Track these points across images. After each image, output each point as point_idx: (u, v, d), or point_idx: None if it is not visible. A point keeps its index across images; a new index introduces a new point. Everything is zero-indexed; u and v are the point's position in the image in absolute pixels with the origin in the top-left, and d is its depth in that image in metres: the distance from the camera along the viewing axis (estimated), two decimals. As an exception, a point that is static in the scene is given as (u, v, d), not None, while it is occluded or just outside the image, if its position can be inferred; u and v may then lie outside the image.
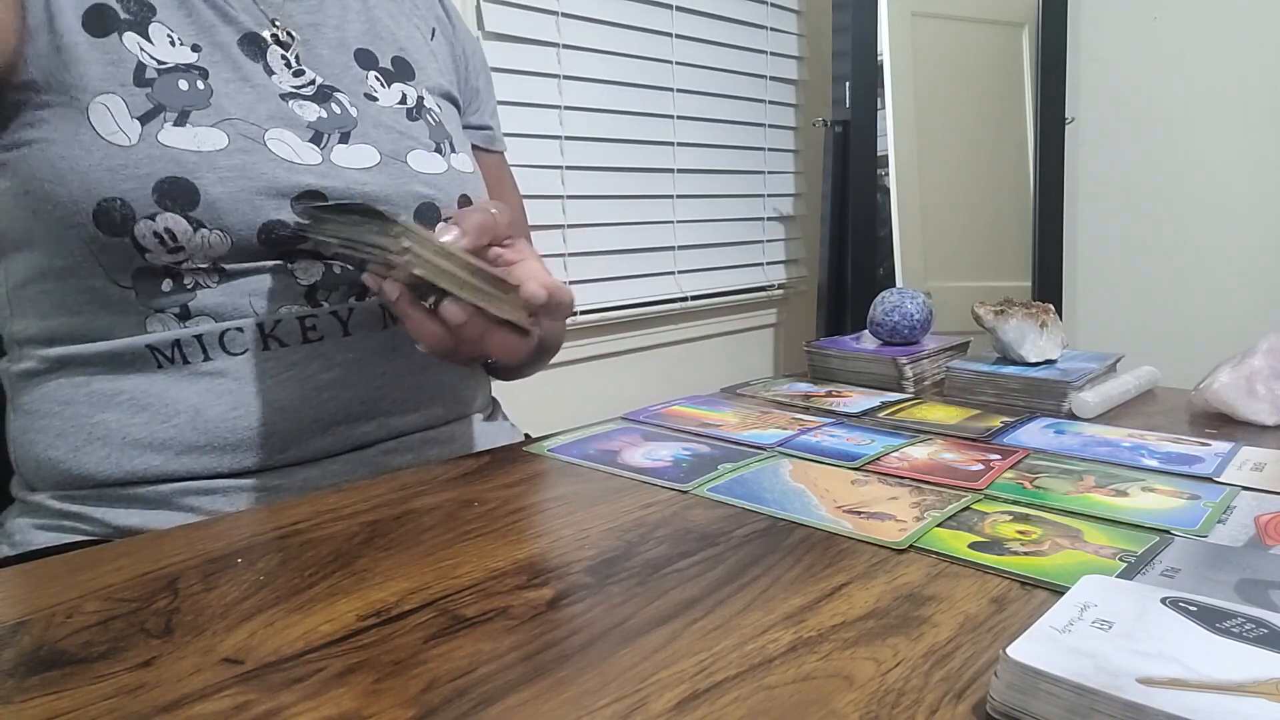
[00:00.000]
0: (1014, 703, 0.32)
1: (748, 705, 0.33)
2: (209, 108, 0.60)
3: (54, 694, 0.35)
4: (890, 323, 0.92)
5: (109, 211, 0.57)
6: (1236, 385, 0.74)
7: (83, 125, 0.57)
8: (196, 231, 0.58)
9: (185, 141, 0.59)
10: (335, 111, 0.66)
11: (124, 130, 0.58)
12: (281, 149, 0.62)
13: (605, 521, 0.52)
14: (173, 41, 0.61)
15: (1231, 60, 2.01)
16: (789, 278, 2.21)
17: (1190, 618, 0.35)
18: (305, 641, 0.38)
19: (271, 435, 0.62)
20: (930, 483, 0.59)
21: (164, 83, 0.59)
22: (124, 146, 0.57)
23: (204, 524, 0.53)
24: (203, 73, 0.62)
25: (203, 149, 0.59)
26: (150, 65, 0.60)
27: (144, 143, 0.57)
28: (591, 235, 1.75)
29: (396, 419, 0.68)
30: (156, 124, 0.58)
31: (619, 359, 1.86)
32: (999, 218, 2.13)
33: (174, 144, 0.58)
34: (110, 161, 0.57)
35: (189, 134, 0.59)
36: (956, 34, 2.06)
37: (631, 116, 1.80)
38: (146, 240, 0.58)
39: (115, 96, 0.58)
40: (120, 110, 0.58)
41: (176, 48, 0.61)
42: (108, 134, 0.57)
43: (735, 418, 0.77)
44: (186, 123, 0.59)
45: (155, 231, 0.57)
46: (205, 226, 0.58)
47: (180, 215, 0.58)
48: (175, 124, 0.59)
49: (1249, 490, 0.57)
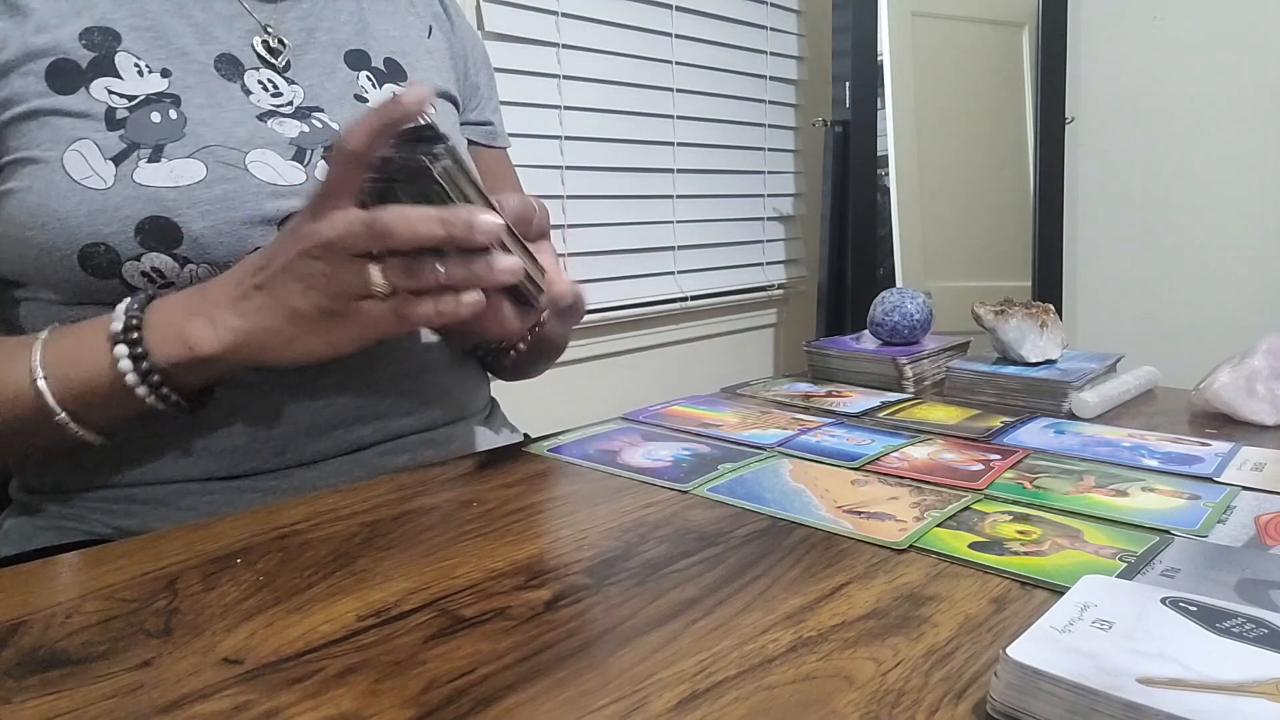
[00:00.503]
0: (1014, 703, 0.32)
1: (748, 705, 0.33)
2: (184, 138, 0.59)
3: (53, 694, 0.35)
4: (890, 323, 0.92)
5: (93, 256, 0.56)
6: (1236, 385, 0.74)
7: (57, 172, 0.56)
8: (184, 267, 0.58)
9: (162, 178, 0.57)
10: (317, 127, 0.65)
11: (98, 174, 0.57)
12: (264, 171, 0.61)
13: (605, 522, 0.52)
14: (140, 71, 0.60)
15: (1231, 60, 2.01)
16: (789, 278, 2.22)
17: (1190, 618, 0.35)
18: (305, 641, 0.38)
19: (268, 440, 0.62)
20: (930, 483, 0.59)
21: (135, 120, 0.58)
22: (100, 190, 0.56)
23: (203, 524, 0.53)
24: (175, 100, 0.60)
25: (180, 183, 0.58)
26: (120, 107, 0.58)
27: (120, 184, 0.56)
28: (591, 235, 1.75)
29: (393, 422, 0.68)
30: (130, 163, 0.57)
31: (619, 359, 1.86)
32: (999, 218, 2.13)
33: (150, 182, 0.57)
34: (88, 207, 0.56)
35: (165, 169, 0.58)
36: (956, 34, 2.06)
37: (631, 116, 1.80)
38: (135, 280, 0.57)
39: (88, 142, 0.57)
40: (93, 154, 0.57)
41: (145, 76, 0.60)
42: (82, 179, 0.56)
43: (735, 418, 0.77)
44: (161, 157, 0.58)
45: (143, 271, 0.57)
46: (192, 261, 0.58)
47: (165, 254, 0.57)
48: (150, 160, 0.57)
49: (1249, 490, 0.57)
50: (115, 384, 0.54)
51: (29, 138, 0.57)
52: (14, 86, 0.57)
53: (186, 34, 0.63)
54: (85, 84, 0.58)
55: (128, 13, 0.61)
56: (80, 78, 0.58)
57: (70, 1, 0.59)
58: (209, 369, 0.55)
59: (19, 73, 0.57)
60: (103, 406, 0.55)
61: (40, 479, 0.63)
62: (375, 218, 0.50)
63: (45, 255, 0.57)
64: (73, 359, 0.54)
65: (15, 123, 0.57)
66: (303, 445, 0.63)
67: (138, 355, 0.53)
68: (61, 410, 0.54)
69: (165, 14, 0.62)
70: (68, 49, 0.58)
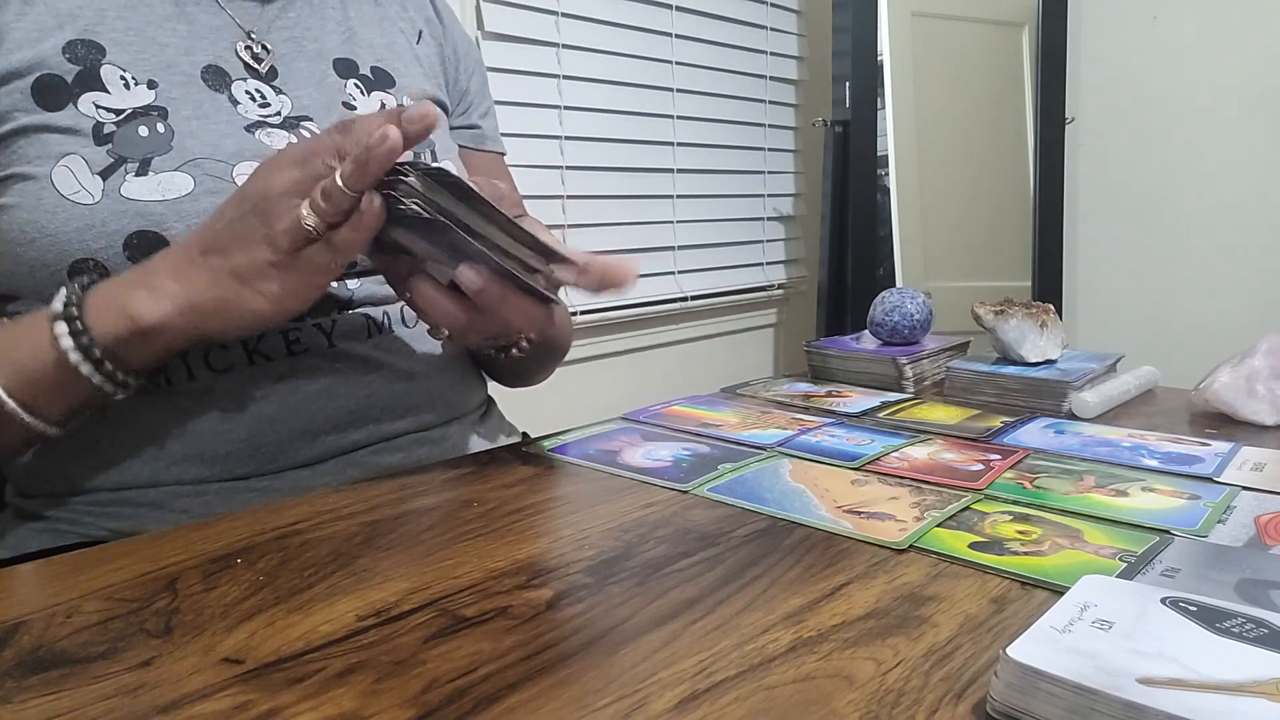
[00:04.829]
0: (1014, 703, 0.32)
1: (748, 705, 0.33)
2: (171, 151, 0.59)
3: (53, 694, 0.35)
4: (890, 323, 0.92)
5: (83, 271, 0.56)
6: (1236, 385, 0.74)
7: (46, 188, 0.56)
8: None
9: (149, 192, 0.57)
10: (305, 136, 0.64)
11: (86, 189, 0.56)
12: None
13: (605, 521, 0.52)
14: (127, 83, 0.59)
15: (1231, 60, 2.01)
16: (789, 278, 2.22)
17: (1190, 618, 0.35)
18: (305, 641, 0.38)
19: (260, 446, 0.62)
20: (930, 483, 0.59)
21: (123, 134, 0.58)
22: (88, 205, 0.56)
23: (203, 524, 0.53)
24: (162, 113, 0.60)
25: (168, 197, 0.57)
26: (108, 121, 0.58)
27: (107, 199, 0.56)
28: (591, 235, 1.75)
29: (385, 425, 0.67)
30: (118, 178, 0.57)
31: (619, 359, 1.86)
32: (999, 218, 2.13)
33: (137, 196, 0.57)
34: (76, 222, 0.56)
35: (153, 182, 0.57)
36: (956, 34, 2.06)
37: (631, 116, 1.80)
38: None
39: (76, 157, 0.57)
40: (81, 169, 0.57)
41: (132, 89, 0.59)
42: (70, 194, 0.56)
43: (735, 418, 0.77)
44: (149, 171, 0.58)
45: None
46: None
47: None
48: (137, 174, 0.57)
49: (1249, 490, 0.57)
50: (60, 364, 0.52)
51: (18, 154, 0.57)
52: (1, 105, 0.57)
53: (171, 45, 0.62)
54: (73, 100, 0.58)
55: (111, 25, 0.61)
56: (67, 93, 0.58)
57: (52, 14, 0.59)
58: (153, 341, 0.53)
59: (4, 90, 0.57)
60: (50, 390, 0.53)
61: (34, 483, 0.63)
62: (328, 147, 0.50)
63: (36, 271, 0.57)
64: (16, 344, 0.53)
65: (4, 140, 0.57)
66: (296, 449, 0.63)
67: (77, 331, 0.52)
68: (10, 399, 0.53)
69: (149, 25, 0.62)
70: (52, 64, 0.58)
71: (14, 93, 0.57)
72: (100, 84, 0.59)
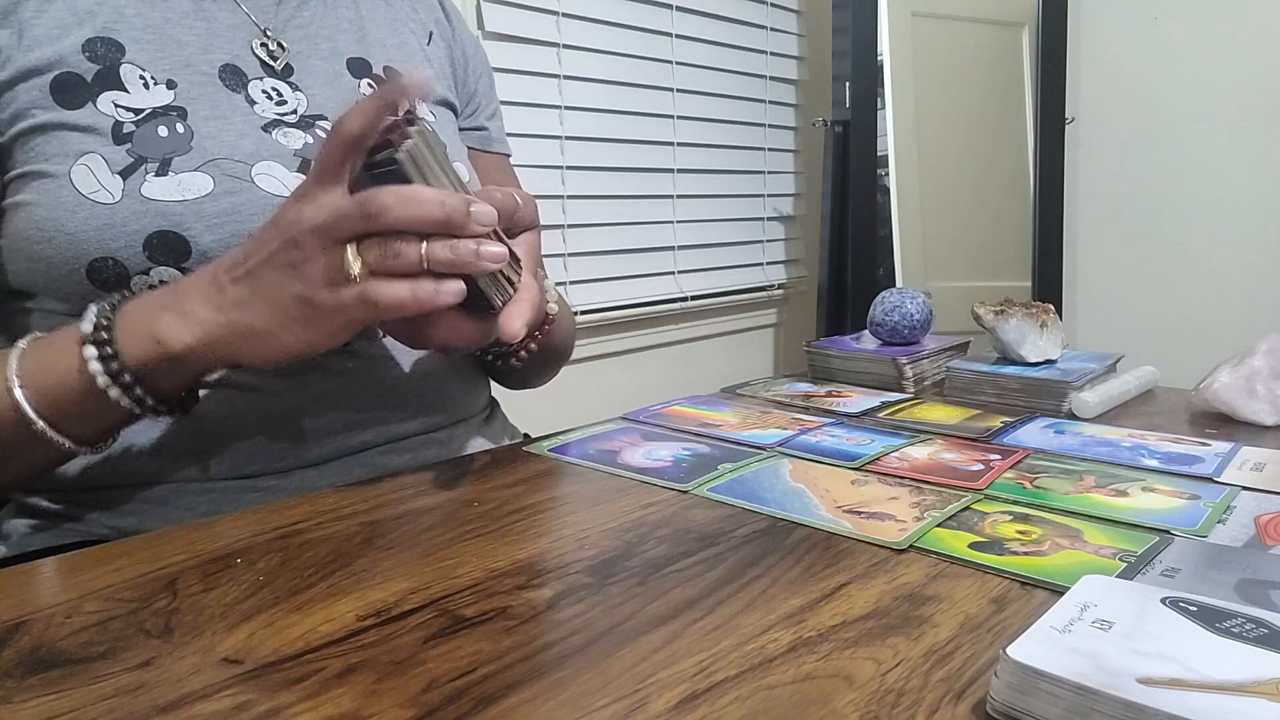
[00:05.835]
0: (1014, 703, 0.32)
1: (748, 705, 0.33)
2: (191, 151, 0.58)
3: (53, 694, 0.35)
4: (890, 323, 0.92)
5: (102, 270, 0.56)
6: (1236, 385, 0.74)
7: (65, 187, 0.56)
8: None
9: (169, 192, 0.57)
10: (320, 137, 0.64)
11: (106, 188, 0.56)
12: (270, 184, 0.60)
13: (605, 521, 0.52)
14: (146, 83, 0.59)
15: (1231, 60, 2.01)
16: (789, 278, 2.22)
17: (1190, 618, 0.35)
18: (305, 641, 0.38)
19: (270, 444, 0.62)
20: (930, 483, 0.59)
21: (142, 134, 0.58)
22: (108, 205, 0.56)
23: (203, 524, 0.53)
24: (181, 113, 0.60)
25: (188, 197, 0.57)
26: (127, 120, 0.58)
27: (128, 199, 0.56)
28: (591, 235, 1.75)
29: (395, 426, 0.68)
30: (138, 177, 0.57)
31: (619, 359, 1.86)
32: (999, 218, 2.13)
33: (158, 196, 0.57)
34: (96, 221, 0.56)
35: (173, 182, 0.57)
36: (956, 34, 2.06)
37: (631, 116, 1.80)
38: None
39: (95, 156, 0.57)
40: (101, 168, 0.56)
41: (151, 89, 0.59)
42: (90, 193, 0.56)
43: (735, 418, 0.77)
44: (169, 171, 0.57)
45: (150, 285, 0.57)
46: None
47: (174, 268, 0.57)
48: (157, 174, 0.57)
49: (1249, 490, 0.57)
50: (88, 387, 0.51)
51: (36, 152, 0.57)
52: (20, 102, 0.57)
53: (190, 43, 0.63)
54: (92, 98, 0.58)
55: (130, 23, 0.61)
56: (86, 92, 0.58)
57: (71, 11, 0.59)
58: (182, 367, 0.52)
59: (24, 87, 0.57)
60: (80, 413, 0.52)
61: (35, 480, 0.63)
62: (367, 198, 0.47)
63: (54, 269, 0.57)
64: (46, 365, 0.52)
65: (23, 137, 0.57)
66: (304, 449, 0.63)
67: (107, 355, 0.50)
68: (39, 419, 0.52)
69: (168, 24, 0.62)
70: (71, 62, 0.58)
71: (33, 90, 0.57)
72: (120, 83, 0.59)
